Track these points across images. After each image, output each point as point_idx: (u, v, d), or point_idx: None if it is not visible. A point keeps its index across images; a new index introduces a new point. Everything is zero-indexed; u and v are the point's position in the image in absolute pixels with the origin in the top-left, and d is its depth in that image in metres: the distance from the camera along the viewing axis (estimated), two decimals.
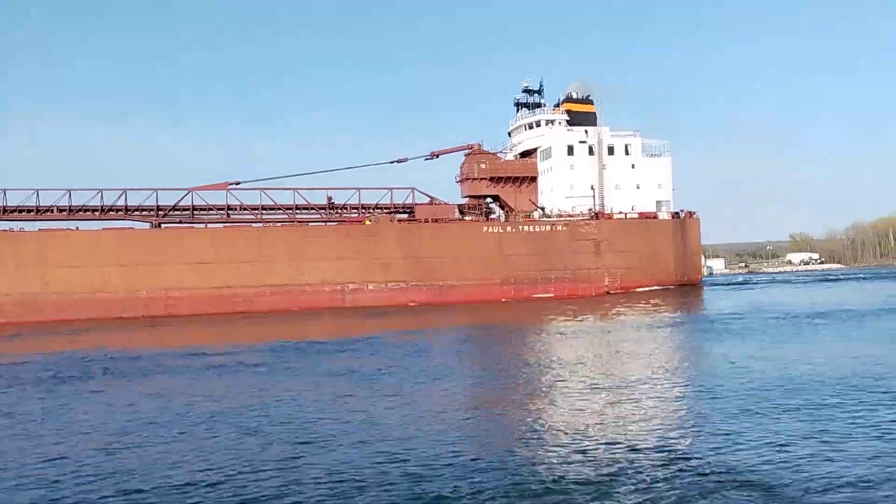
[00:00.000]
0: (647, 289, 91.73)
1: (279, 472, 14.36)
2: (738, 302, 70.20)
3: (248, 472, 14.48)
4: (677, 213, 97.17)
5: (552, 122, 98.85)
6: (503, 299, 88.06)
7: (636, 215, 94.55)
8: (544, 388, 23.41)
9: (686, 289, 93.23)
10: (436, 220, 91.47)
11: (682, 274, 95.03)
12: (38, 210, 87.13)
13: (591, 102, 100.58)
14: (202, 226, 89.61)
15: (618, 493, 12.51)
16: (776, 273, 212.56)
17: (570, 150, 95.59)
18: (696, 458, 14.26)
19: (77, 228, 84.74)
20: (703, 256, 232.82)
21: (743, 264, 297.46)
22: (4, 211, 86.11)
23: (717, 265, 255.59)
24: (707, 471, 13.49)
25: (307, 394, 24.43)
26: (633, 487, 12.73)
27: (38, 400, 25.62)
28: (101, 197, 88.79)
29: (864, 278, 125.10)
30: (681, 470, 13.49)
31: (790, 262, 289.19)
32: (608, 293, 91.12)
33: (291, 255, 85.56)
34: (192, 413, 21.77)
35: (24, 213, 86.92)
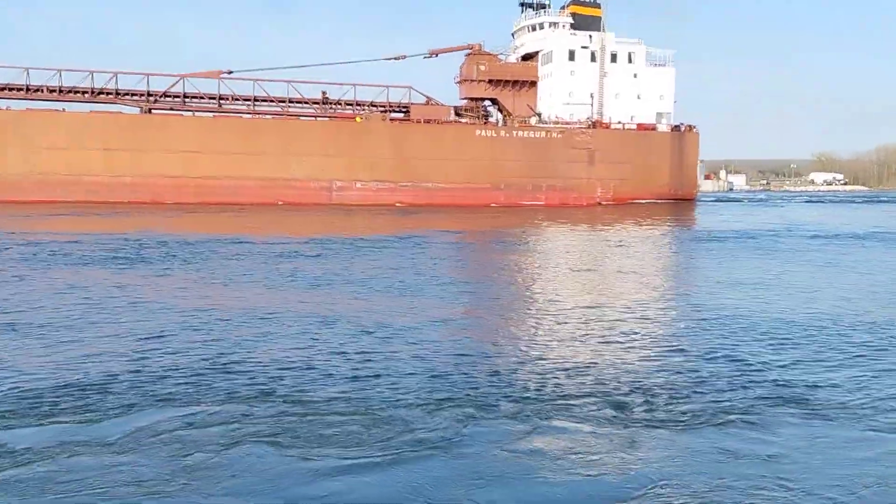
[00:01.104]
0: (639, 202, 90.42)
1: (369, 360, 14.73)
2: (737, 219, 68.84)
3: (338, 360, 14.77)
4: (677, 126, 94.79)
5: (555, 24, 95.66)
6: (492, 204, 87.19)
7: (634, 126, 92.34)
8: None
9: (680, 204, 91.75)
10: (429, 121, 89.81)
11: (677, 188, 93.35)
12: (27, 89, 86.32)
13: (598, 6, 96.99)
14: (190, 114, 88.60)
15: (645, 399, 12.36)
16: (799, 192, 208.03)
17: (572, 56, 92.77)
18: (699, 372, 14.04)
19: (63, 110, 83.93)
20: (725, 171, 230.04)
21: (765, 181, 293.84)
22: None
23: (739, 181, 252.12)
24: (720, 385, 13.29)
25: (373, 287, 24.84)
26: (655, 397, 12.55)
27: (112, 277, 25.85)
28: (92, 79, 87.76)
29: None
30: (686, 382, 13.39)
31: (813, 182, 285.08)
32: (600, 204, 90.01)
33: (279, 148, 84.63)
34: (274, 299, 22.11)
35: (13, 92, 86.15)
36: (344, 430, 10.62)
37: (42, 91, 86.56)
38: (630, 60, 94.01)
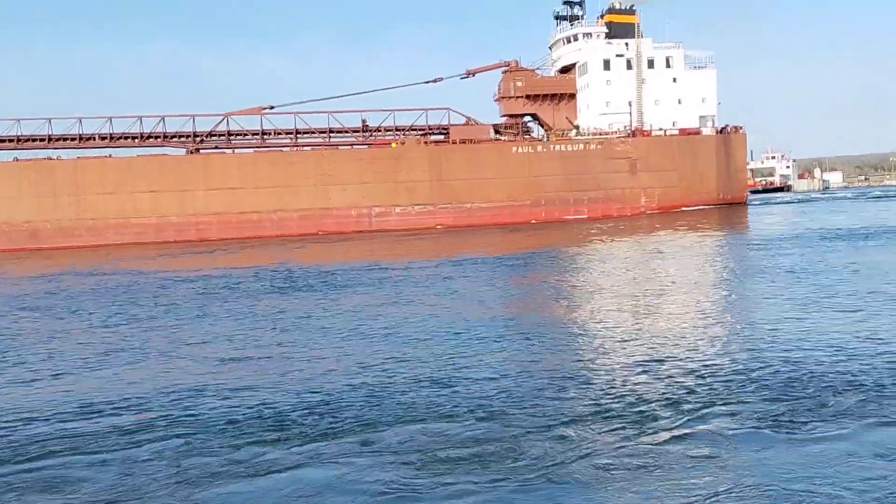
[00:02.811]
0: (686, 209, 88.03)
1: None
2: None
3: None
4: (723, 128, 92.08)
5: (590, 35, 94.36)
6: (533, 221, 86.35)
7: (676, 132, 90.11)
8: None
9: (730, 208, 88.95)
10: (467, 141, 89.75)
11: (726, 192, 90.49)
12: (80, 138, 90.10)
13: (633, 13, 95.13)
14: (230, 151, 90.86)
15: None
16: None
17: (607, 65, 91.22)
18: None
19: (110, 156, 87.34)
20: (820, 170, 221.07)
21: (863, 177, 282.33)
22: (49, 140, 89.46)
23: (835, 179, 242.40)
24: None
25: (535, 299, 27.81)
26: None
27: (294, 304, 28.09)
28: (141, 124, 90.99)
29: None
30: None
31: None
32: (644, 213, 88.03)
33: (317, 179, 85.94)
34: (452, 316, 24.13)
35: (67, 142, 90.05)
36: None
37: (94, 139, 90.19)
38: (668, 65, 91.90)
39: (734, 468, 10.26)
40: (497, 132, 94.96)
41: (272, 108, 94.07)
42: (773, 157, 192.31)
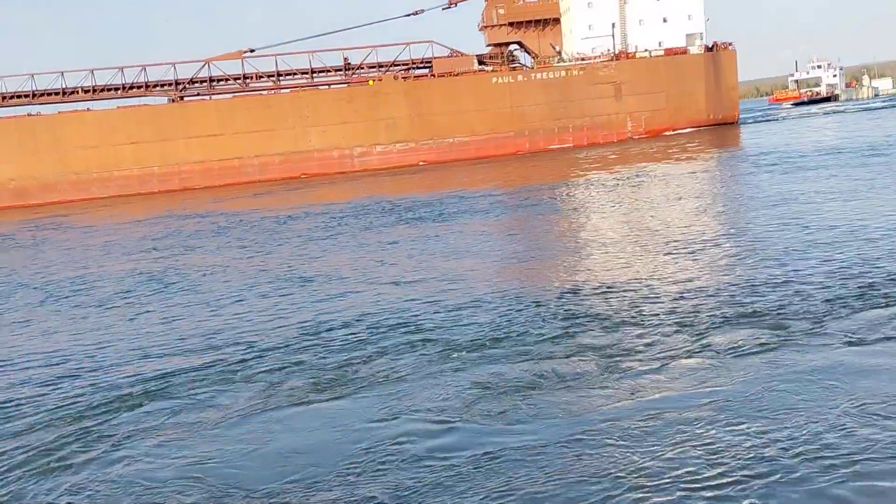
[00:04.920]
0: (675, 132, 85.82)
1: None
2: None
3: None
4: (711, 46, 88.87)
5: None
6: (517, 152, 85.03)
7: (662, 52, 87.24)
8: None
9: (721, 129, 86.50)
10: (444, 75, 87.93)
11: (717, 113, 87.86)
12: (62, 93, 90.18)
13: None
14: (218, 97, 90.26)
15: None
16: None
17: None
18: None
19: (88, 109, 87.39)
20: (868, 77, 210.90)
21: None
22: (33, 95, 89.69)
23: (884, 85, 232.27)
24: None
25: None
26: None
27: (422, 233, 30.18)
28: (123, 74, 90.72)
29: None
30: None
31: None
32: (631, 139, 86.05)
33: (297, 121, 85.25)
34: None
35: (50, 97, 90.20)
36: None
37: (77, 92, 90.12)
38: None
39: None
40: (482, 63, 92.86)
41: (252, 51, 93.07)
42: (819, 67, 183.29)
